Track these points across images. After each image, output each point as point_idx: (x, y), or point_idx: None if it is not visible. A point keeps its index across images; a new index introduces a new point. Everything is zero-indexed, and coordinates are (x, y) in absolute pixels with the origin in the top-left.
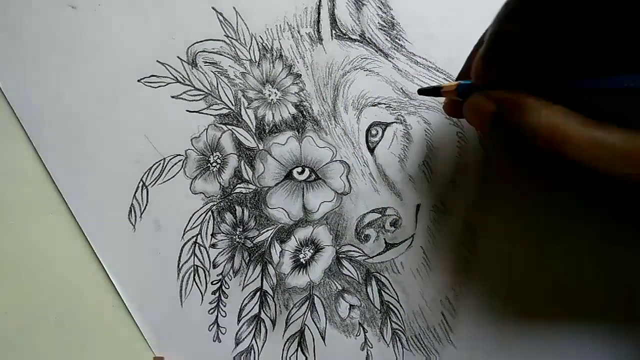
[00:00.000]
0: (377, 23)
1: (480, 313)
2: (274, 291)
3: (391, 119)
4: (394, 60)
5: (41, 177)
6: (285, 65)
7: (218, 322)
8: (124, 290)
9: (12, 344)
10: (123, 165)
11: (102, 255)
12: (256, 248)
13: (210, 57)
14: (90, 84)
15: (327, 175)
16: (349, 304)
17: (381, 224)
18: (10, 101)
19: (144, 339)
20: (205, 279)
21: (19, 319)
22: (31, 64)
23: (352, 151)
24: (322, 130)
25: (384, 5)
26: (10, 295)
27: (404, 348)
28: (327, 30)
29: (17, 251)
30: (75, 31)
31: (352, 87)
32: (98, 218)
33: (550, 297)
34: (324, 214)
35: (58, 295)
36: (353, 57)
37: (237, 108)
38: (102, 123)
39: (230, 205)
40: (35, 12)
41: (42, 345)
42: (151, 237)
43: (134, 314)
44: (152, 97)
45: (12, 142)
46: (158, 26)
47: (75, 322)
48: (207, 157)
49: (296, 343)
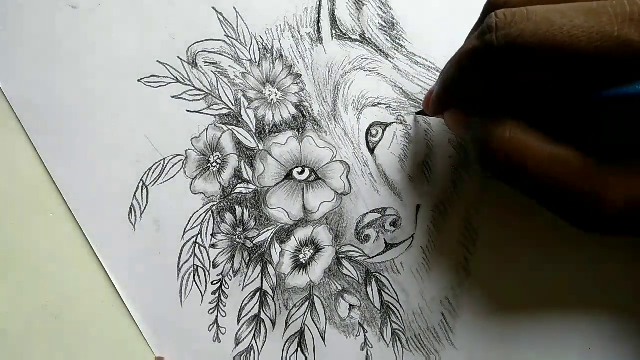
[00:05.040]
0: (377, 23)
1: (480, 313)
2: (274, 291)
3: (391, 119)
4: (394, 60)
5: (41, 177)
6: (285, 66)
7: (218, 322)
8: (124, 291)
9: (12, 344)
10: (123, 165)
11: (102, 255)
12: (256, 248)
13: (210, 57)
14: (90, 84)
15: (327, 175)
16: (349, 304)
17: (381, 224)
18: (10, 101)
19: (144, 339)
20: (205, 279)
21: (19, 319)
22: (31, 64)
23: (352, 151)
24: (323, 130)
25: (384, 5)
26: (10, 295)
27: (404, 348)
28: (328, 30)
29: (17, 251)
30: (75, 31)
31: (353, 87)
32: (98, 218)
33: (550, 297)
34: (324, 214)
35: (58, 295)
36: (353, 57)
37: (238, 108)
38: (102, 123)
39: (230, 205)
40: (35, 12)
41: (42, 345)
42: (151, 237)
43: (134, 314)
44: (152, 97)
45: (12, 142)
46: (158, 26)
47: (75, 322)
48: (207, 157)
49: (296, 343)
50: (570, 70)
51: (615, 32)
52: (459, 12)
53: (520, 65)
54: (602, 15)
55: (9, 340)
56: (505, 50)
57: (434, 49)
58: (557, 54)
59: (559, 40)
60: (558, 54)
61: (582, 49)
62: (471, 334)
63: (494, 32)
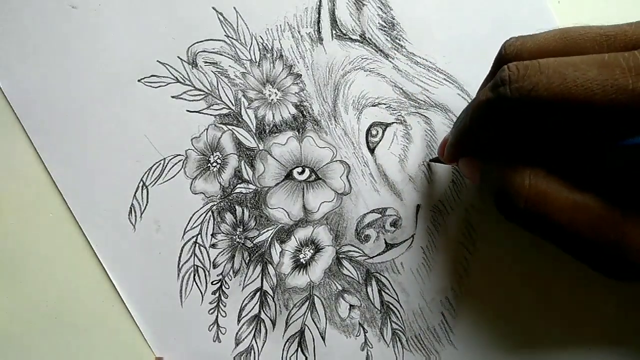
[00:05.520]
0: (377, 23)
1: (480, 313)
2: (274, 291)
3: (391, 119)
4: (394, 60)
5: (41, 177)
6: (285, 66)
7: (218, 322)
8: (124, 291)
9: (12, 344)
10: (123, 165)
11: (102, 255)
12: (256, 248)
13: (210, 57)
14: (90, 84)
15: (327, 175)
16: (349, 304)
17: (381, 224)
18: (10, 101)
19: (144, 339)
20: (205, 279)
21: (19, 319)
22: (31, 64)
23: (353, 151)
24: (323, 130)
25: (384, 5)
26: (10, 295)
27: (404, 348)
28: (328, 30)
29: (17, 251)
30: (75, 31)
31: (353, 87)
32: (98, 218)
33: (550, 297)
34: (324, 214)
35: (58, 295)
36: (353, 58)
37: (238, 108)
38: (102, 123)
39: (230, 205)
40: (35, 12)
41: (42, 345)
42: (151, 237)
43: (134, 314)
44: (152, 97)
45: (12, 142)
46: (158, 26)
47: (75, 322)
48: (207, 157)
49: (296, 343)
50: (585, 122)
51: (630, 84)
52: (459, 12)
53: (534, 117)
54: (615, 68)
55: (9, 340)
56: (520, 103)
57: (434, 49)
58: (571, 107)
59: (573, 93)
60: (572, 106)
61: (597, 101)
62: (471, 334)
63: (507, 85)
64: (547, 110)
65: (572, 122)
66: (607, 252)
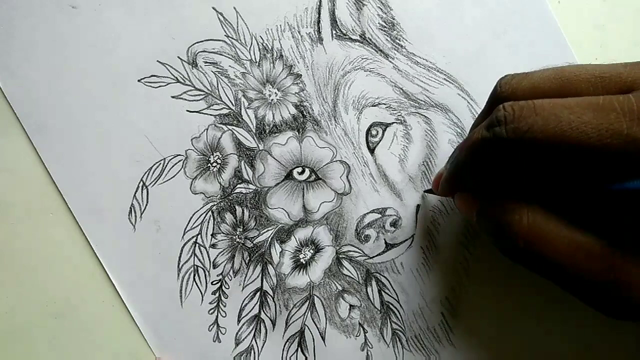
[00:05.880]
0: (377, 23)
1: (480, 313)
2: (274, 291)
3: (391, 119)
4: (394, 60)
5: (41, 177)
6: (285, 66)
7: (218, 322)
8: (124, 291)
9: (12, 344)
10: (123, 165)
11: (102, 255)
12: (256, 248)
13: (210, 57)
14: (90, 83)
15: (327, 175)
16: (349, 304)
17: (381, 224)
18: (10, 101)
19: (144, 339)
20: (205, 279)
21: (19, 319)
22: (31, 64)
23: (353, 151)
24: (323, 130)
25: (384, 5)
26: (10, 295)
27: (404, 348)
28: (328, 30)
29: (17, 251)
30: (75, 31)
31: (353, 88)
32: (98, 218)
33: (550, 297)
34: (324, 214)
35: (58, 295)
36: (353, 58)
37: (238, 108)
38: (102, 123)
39: (230, 206)
40: (35, 12)
41: (42, 345)
42: (151, 237)
43: (134, 314)
44: (152, 97)
45: (12, 142)
46: (158, 26)
47: (75, 322)
48: (207, 157)
49: (296, 343)
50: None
51: (624, 130)
52: (459, 12)
53: (529, 157)
54: (610, 112)
55: (9, 340)
56: (515, 144)
57: (434, 49)
58: (566, 149)
59: (568, 136)
60: (567, 149)
61: (592, 145)
62: (471, 334)
63: (503, 125)
64: (542, 152)
65: (567, 164)
66: (607, 292)
